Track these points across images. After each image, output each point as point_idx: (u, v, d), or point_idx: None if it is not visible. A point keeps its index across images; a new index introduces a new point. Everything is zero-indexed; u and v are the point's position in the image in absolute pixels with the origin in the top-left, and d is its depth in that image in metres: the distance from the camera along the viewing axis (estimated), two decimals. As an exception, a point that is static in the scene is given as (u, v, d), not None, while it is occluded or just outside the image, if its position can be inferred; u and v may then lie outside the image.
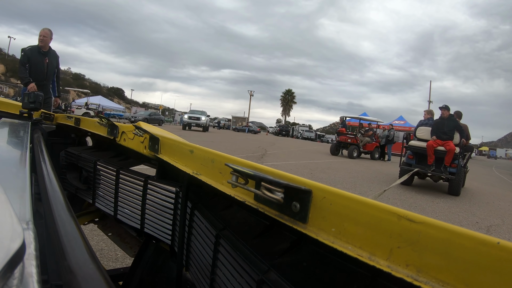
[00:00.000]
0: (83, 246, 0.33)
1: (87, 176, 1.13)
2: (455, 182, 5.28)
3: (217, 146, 9.20)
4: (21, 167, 0.53)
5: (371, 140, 12.37)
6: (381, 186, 5.20)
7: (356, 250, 0.29)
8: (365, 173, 7.37)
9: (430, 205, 4.32)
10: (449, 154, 5.18)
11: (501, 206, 5.00)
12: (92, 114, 20.62)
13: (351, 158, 11.04)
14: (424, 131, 5.84)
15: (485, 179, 10.43)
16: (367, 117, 14.30)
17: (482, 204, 4.97)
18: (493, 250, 0.21)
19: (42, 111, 1.45)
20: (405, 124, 22.28)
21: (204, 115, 20.70)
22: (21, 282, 0.21)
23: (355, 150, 11.39)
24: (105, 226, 1.23)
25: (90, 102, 25.34)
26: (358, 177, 6.26)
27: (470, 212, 4.15)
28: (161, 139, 0.74)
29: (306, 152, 12.34)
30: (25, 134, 0.95)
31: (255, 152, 8.96)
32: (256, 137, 22.94)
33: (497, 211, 4.50)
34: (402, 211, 0.27)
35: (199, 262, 0.62)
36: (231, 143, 12.28)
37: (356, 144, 11.61)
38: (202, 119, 20.00)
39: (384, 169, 9.06)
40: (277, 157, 8.45)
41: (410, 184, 6.00)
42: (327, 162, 8.88)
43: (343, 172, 6.98)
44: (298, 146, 16.71)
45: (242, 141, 15.16)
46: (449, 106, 5.51)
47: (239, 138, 17.58)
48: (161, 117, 28.67)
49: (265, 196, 0.37)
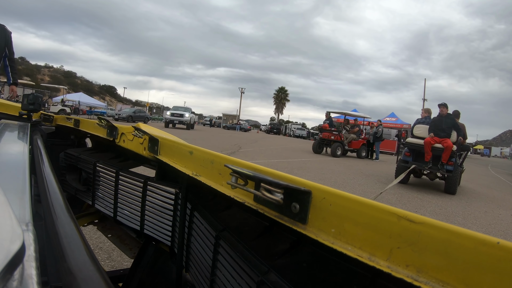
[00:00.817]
0: (83, 247, 0.33)
1: (86, 177, 1.13)
2: (452, 180, 5.29)
3: (190, 143, 8.47)
4: (21, 168, 0.53)
5: (357, 137, 11.36)
6: (353, 192, 4.77)
7: (356, 251, 0.29)
8: (342, 174, 6.43)
9: (421, 212, 4.20)
10: (447, 151, 5.19)
11: (502, 217, 4.26)
12: (69, 111, 20.23)
13: (334, 157, 10.18)
14: (422, 129, 5.85)
15: (482, 180, 9.59)
16: (353, 113, 13.07)
17: (479, 214, 4.27)
18: (493, 250, 0.21)
19: (42, 113, 1.45)
20: (397, 121, 21.09)
21: (188, 111, 19.27)
22: (20, 284, 0.21)
23: (339, 148, 10.49)
24: (105, 227, 1.23)
25: (67, 99, 24.09)
26: (327, 179, 5.46)
27: (465, 226, 3.73)
28: (161, 140, 0.74)
29: (287, 151, 11.28)
30: (25, 136, 0.95)
31: (227, 150, 8.26)
32: (243, 135, 22.37)
33: (498, 224, 3.79)
34: (402, 212, 0.27)
35: (198, 263, 0.62)
36: (207, 141, 11.44)
37: (340, 141, 10.65)
38: (185, 116, 18.50)
39: (368, 169, 8.05)
40: (247, 156, 7.63)
41: (406, 182, 6.01)
42: (302, 161, 7.95)
43: (314, 173, 6.06)
44: (283, 144, 15.87)
45: (222, 138, 14.41)
46: (447, 104, 5.52)
47: (221, 136, 16.88)
48: (147, 115, 27.58)
49: (265, 197, 0.37)
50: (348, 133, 11.25)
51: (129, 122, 21.86)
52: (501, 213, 4.52)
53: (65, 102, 22.67)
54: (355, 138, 11.25)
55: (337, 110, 12.11)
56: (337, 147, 10.44)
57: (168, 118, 18.77)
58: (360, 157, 11.36)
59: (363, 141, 11.60)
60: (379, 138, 11.56)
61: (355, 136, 11.26)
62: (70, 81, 61.29)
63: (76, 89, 58.69)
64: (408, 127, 17.46)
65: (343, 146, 10.71)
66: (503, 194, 6.88)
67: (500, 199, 5.91)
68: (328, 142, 10.94)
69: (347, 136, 11.13)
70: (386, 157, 15.04)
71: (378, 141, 11.63)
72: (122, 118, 23.18)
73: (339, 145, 10.54)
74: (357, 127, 11.69)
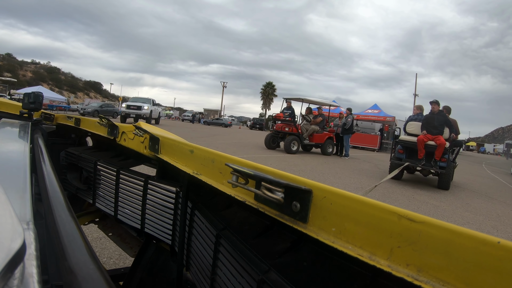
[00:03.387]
0: (84, 246, 0.33)
1: (87, 176, 1.13)
2: (445, 176, 5.34)
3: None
4: (22, 167, 0.53)
5: (320, 129, 9.14)
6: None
7: (357, 250, 0.29)
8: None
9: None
10: (440, 149, 5.22)
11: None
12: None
13: (289, 153, 8.23)
14: (414, 126, 5.87)
15: (478, 183, 7.54)
16: (314, 99, 9.91)
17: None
18: (493, 250, 0.21)
19: (43, 112, 1.45)
20: (380, 113, 18.01)
21: (148, 103, 16.38)
22: (21, 282, 0.21)
23: (294, 142, 8.42)
24: (106, 226, 1.23)
25: (15, 92, 21.79)
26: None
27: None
28: (161, 139, 0.74)
29: (238, 146, 9.34)
30: (25, 135, 0.95)
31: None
32: (212, 130, 19.90)
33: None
34: (402, 211, 0.27)
35: (199, 262, 0.62)
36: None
37: (297, 134, 8.61)
38: (144, 108, 15.62)
39: (326, 171, 6.07)
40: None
41: (400, 178, 6.05)
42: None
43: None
44: (241, 139, 13.49)
45: (181, 133, 11.87)
46: (438, 101, 5.54)
47: (182, 130, 14.78)
48: (115, 109, 24.39)
49: (266, 196, 0.37)
50: (308, 124, 9.10)
51: (95, 117, 19.59)
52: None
53: (12, 95, 20.07)
54: (317, 130, 9.09)
55: (294, 97, 9.54)
56: (291, 141, 8.38)
57: (124, 111, 15.84)
58: (325, 154, 9.29)
59: (329, 134, 9.43)
60: (349, 130, 9.35)
61: (317, 128, 9.08)
62: (53, 77, 60.73)
63: (59, 85, 58.50)
64: (392, 120, 16.21)
65: (300, 140, 8.67)
66: (507, 206, 4.87)
67: (505, 214, 4.17)
68: (284, 135, 8.77)
69: (307, 127, 8.98)
70: (365, 154, 12.64)
71: (347, 134, 9.38)
72: (87, 112, 21.18)
73: (294, 138, 8.49)
74: (321, 117, 9.33)
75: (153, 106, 16.78)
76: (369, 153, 13.58)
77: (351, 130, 9.52)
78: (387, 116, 17.50)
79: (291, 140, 8.41)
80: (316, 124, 9.16)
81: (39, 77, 53.49)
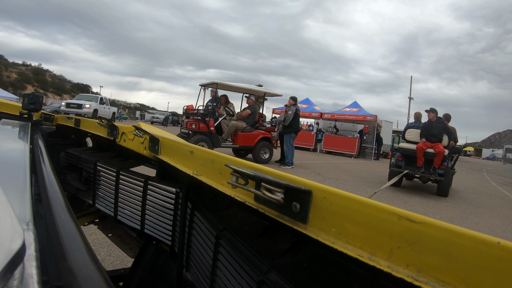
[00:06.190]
0: (83, 247, 0.33)
1: (87, 177, 1.13)
2: (444, 183, 5.37)
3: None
4: (21, 168, 0.53)
5: (249, 127, 6.63)
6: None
7: (356, 251, 0.29)
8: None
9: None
10: (439, 156, 5.25)
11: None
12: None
13: None
14: (413, 134, 5.92)
15: (485, 205, 5.22)
16: (243, 85, 7.25)
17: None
18: (493, 250, 0.21)
19: (42, 112, 1.45)
20: (360, 111, 14.13)
21: (93, 100, 14.17)
22: (21, 283, 0.21)
23: (203, 144, 5.83)
24: (105, 227, 1.23)
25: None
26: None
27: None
28: (161, 140, 0.74)
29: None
30: (25, 135, 0.95)
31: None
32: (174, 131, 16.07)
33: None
34: (402, 211, 0.27)
35: (199, 262, 0.62)
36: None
37: (208, 132, 6.11)
38: (85, 106, 13.40)
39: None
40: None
41: (399, 185, 6.08)
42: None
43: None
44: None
45: None
46: (435, 108, 5.60)
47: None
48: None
49: (265, 197, 0.37)
50: (228, 118, 6.57)
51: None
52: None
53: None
54: (244, 127, 6.56)
55: (209, 82, 7.00)
56: (197, 142, 5.77)
57: (63, 110, 13.65)
58: (259, 161, 6.41)
59: (265, 133, 6.80)
60: (290, 127, 6.68)
61: (244, 125, 6.56)
62: (39, 79, 60.61)
63: (45, 87, 58.29)
64: (373, 119, 13.45)
65: (213, 142, 6.11)
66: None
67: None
68: (194, 133, 6.25)
69: (227, 123, 6.45)
70: (337, 161, 9.83)
71: (288, 133, 6.71)
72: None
73: (202, 138, 6.03)
74: (249, 110, 6.74)
75: (101, 105, 14.62)
76: (344, 160, 11.07)
77: (294, 128, 6.78)
78: (368, 114, 13.85)
79: (196, 141, 5.84)
80: (242, 119, 6.58)
81: (24, 79, 53.28)
